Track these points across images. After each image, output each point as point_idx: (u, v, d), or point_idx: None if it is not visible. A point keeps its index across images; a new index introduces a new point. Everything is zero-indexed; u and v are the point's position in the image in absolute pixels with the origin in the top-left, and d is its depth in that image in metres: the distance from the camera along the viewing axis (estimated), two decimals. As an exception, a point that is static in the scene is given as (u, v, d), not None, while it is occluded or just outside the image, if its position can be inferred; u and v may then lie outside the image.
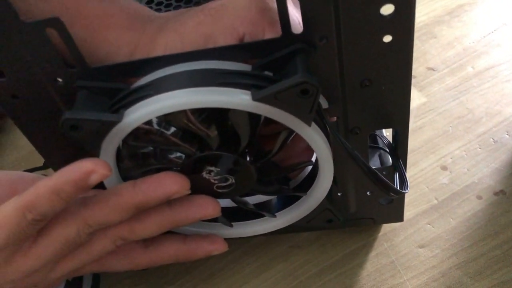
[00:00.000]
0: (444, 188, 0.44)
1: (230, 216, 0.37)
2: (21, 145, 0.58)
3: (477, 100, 0.49)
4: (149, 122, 0.28)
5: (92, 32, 0.29)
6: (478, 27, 0.55)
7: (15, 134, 0.59)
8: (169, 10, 0.47)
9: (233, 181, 0.32)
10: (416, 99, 0.50)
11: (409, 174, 0.45)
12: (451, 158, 0.46)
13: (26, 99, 0.29)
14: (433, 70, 0.53)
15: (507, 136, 0.46)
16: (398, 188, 0.32)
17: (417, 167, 0.46)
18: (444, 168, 0.45)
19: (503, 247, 0.40)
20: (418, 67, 0.52)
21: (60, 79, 0.28)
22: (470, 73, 0.52)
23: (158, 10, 0.47)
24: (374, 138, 0.39)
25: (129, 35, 0.29)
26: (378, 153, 0.39)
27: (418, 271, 0.40)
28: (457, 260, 0.40)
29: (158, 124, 0.29)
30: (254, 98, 0.25)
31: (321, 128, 0.29)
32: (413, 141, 0.47)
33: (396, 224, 0.42)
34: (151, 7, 0.37)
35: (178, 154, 0.31)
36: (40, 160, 0.54)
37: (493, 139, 0.46)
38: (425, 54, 0.54)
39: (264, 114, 0.26)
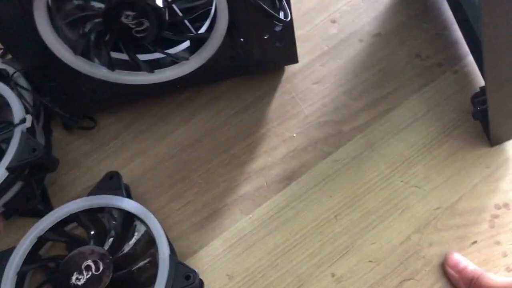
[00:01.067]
0: (333, 37, 0.53)
1: (152, 65, 0.44)
2: None
3: (361, -36, 0.58)
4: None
5: None
6: None
7: None
8: None
9: (148, 24, 0.39)
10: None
11: (304, 29, 0.53)
12: (339, 13, 0.54)
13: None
14: None
15: (383, -10, 0.55)
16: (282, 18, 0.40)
17: (311, 24, 0.54)
18: (333, 21, 0.54)
19: (377, 74, 0.50)
20: None
21: None
22: None
23: None
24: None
25: None
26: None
27: (312, 100, 0.49)
28: (343, 89, 0.50)
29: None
30: None
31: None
32: (308, 4, 0.56)
33: (295, 69, 0.51)
34: None
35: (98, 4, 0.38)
36: None
37: (372, -7, 0.55)
38: None
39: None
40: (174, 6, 0.39)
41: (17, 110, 0.44)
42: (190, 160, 0.48)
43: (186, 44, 0.44)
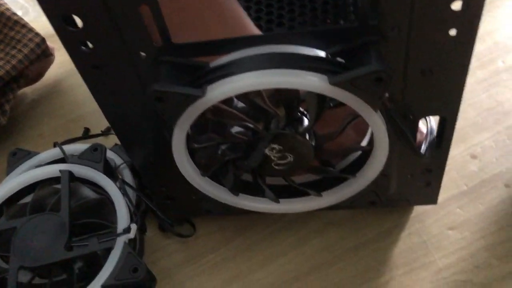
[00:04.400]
0: (473, 175, 0.46)
1: (278, 193, 0.39)
2: (59, 114, 0.60)
3: (507, 94, 0.51)
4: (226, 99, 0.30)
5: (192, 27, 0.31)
6: (509, 22, 0.57)
7: (53, 104, 0.61)
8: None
9: (291, 159, 0.34)
10: (448, 89, 0.52)
11: (440, 160, 0.47)
12: (481, 148, 0.48)
13: (106, 70, 0.31)
14: (465, 62, 0.54)
15: (535, 130, 0.48)
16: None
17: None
18: (473, 156, 0.48)
19: (529, 233, 0.42)
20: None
21: (143, 53, 0.30)
22: (500, 67, 0.54)
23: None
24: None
25: None
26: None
27: (448, 251, 0.42)
28: (485, 243, 0.42)
29: (230, 101, 0.31)
30: (331, 82, 0.27)
31: (381, 113, 0.31)
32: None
33: (427, 207, 0.45)
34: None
35: (239, 129, 0.33)
36: (76, 129, 0.57)
37: (521, 131, 0.49)
38: (458, 46, 0.56)
39: (336, 98, 0.29)
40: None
41: (122, 217, 0.40)
42: (296, 298, 0.42)
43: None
